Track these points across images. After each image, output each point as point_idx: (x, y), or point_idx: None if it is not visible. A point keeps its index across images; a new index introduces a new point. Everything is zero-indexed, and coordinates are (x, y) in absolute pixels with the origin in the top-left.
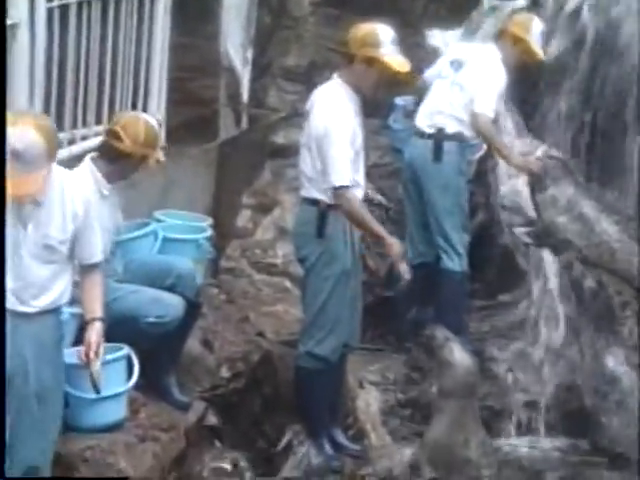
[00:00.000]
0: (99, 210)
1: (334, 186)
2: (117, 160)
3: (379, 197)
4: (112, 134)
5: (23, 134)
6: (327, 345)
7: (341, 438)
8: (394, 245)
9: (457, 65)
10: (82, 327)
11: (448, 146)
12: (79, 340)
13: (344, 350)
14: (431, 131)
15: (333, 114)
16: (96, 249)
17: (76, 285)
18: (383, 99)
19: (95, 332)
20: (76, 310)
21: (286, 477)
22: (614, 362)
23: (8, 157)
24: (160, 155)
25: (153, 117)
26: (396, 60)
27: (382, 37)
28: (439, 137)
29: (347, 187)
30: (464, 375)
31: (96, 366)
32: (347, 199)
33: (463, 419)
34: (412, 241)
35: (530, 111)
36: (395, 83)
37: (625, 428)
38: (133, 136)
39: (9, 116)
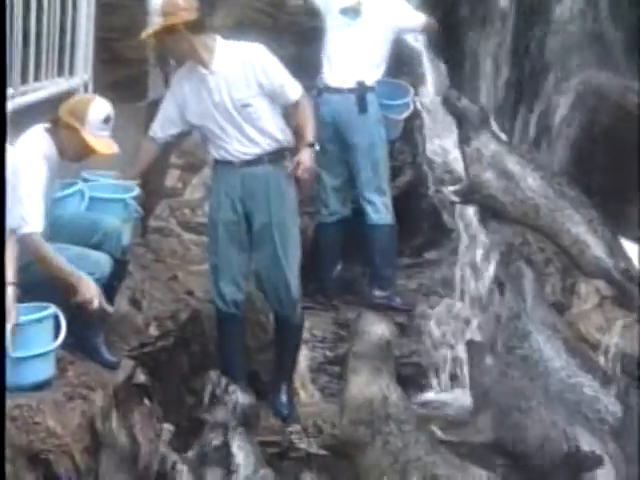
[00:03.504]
0: (48, 179)
1: None
2: (55, 128)
3: None
4: None
5: None
6: (215, 291)
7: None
8: None
9: (353, 13)
10: None
11: (370, 97)
12: None
13: (281, 315)
14: (351, 85)
15: None
16: (16, 215)
17: None
18: (311, 59)
19: (7, 297)
20: None
21: None
22: (527, 319)
23: None
24: (103, 144)
25: (80, 77)
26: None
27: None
28: (361, 90)
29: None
30: (379, 340)
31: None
32: None
33: (379, 379)
34: (326, 201)
35: (456, 68)
36: None
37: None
38: (66, 102)
39: None
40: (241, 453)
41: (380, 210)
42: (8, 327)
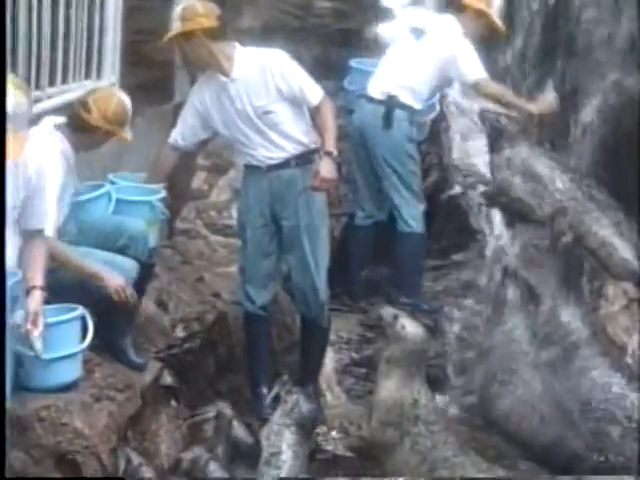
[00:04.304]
0: (65, 178)
1: None
2: (82, 131)
3: None
4: (83, 105)
5: (9, 95)
6: (242, 292)
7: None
8: None
9: (418, 33)
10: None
11: (398, 113)
12: None
13: (308, 318)
14: (382, 97)
15: None
16: (43, 216)
17: None
18: (338, 61)
19: (34, 301)
20: None
21: None
22: (569, 317)
23: None
24: (128, 134)
25: (107, 79)
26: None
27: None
28: (390, 104)
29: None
30: (416, 345)
31: (35, 336)
32: None
33: (410, 384)
34: (362, 202)
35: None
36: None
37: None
38: (102, 110)
39: None
40: (289, 451)
41: (407, 219)
42: (36, 334)
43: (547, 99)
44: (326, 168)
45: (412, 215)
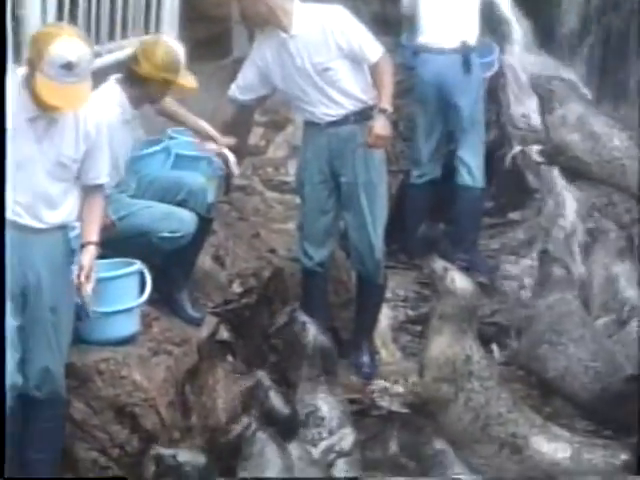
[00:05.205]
0: (121, 133)
1: None
2: (138, 84)
3: None
4: (132, 58)
5: (74, 45)
6: (300, 249)
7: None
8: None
9: None
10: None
11: (473, 57)
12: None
13: (364, 275)
14: (455, 45)
15: None
16: (102, 171)
17: None
18: (396, 17)
19: (88, 256)
20: None
21: None
22: (625, 280)
23: (55, 70)
24: (189, 81)
25: (168, 35)
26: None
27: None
28: (466, 50)
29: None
30: (466, 300)
31: (86, 290)
32: None
33: (462, 340)
34: (419, 159)
35: (542, 26)
36: None
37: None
38: (150, 59)
39: (46, 29)
40: (325, 405)
41: (473, 172)
42: (88, 289)
43: None
44: (380, 125)
45: (477, 166)
